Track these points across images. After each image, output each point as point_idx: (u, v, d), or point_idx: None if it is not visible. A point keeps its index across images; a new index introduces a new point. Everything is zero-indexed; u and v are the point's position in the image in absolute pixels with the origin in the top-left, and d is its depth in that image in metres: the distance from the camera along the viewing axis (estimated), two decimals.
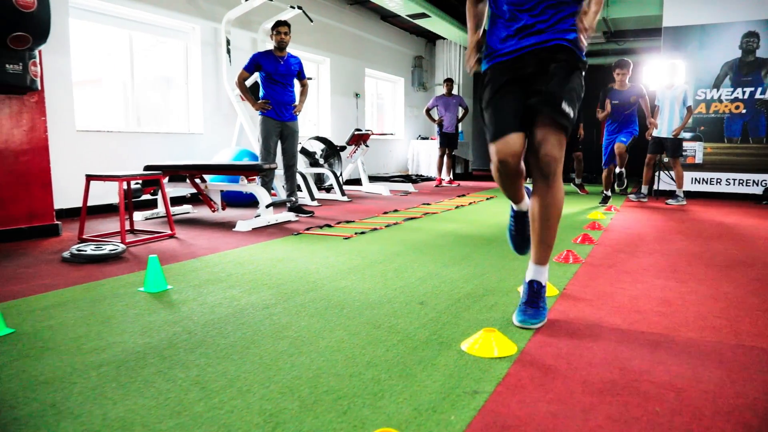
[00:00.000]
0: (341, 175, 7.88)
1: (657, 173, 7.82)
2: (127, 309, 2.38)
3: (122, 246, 3.55)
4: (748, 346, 1.96)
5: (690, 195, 7.82)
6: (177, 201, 6.27)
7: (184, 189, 5.98)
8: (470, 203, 6.71)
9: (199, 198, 6.35)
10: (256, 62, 5.19)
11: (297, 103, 5.37)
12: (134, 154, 6.00)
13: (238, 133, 7.11)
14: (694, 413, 1.45)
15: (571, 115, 2.03)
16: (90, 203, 5.32)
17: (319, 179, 7.92)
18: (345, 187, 7.76)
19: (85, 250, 3.42)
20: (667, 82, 6.87)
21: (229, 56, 7.06)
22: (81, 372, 1.71)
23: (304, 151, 7.45)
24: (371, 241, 4.07)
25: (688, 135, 8.08)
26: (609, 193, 6.72)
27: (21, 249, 3.80)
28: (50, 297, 2.56)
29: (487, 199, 7.29)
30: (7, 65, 3.73)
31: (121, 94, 6.31)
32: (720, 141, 8.07)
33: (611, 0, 9.82)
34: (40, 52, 4.04)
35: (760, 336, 2.06)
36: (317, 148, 7.86)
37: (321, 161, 7.74)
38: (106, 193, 5.63)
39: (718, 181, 8.13)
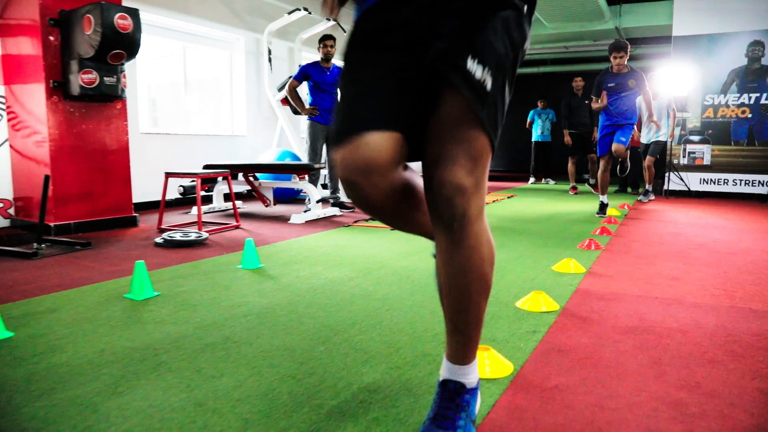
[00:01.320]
0: None
1: (668, 174, 8.33)
2: (237, 280, 2.96)
3: (205, 234, 4.13)
4: (739, 307, 2.51)
5: (698, 195, 8.33)
6: (229, 198, 6.84)
7: (236, 186, 6.55)
8: (494, 201, 7.25)
9: (244, 195, 6.93)
10: (305, 73, 5.76)
11: None
12: (186, 154, 6.59)
13: (279, 135, 7.69)
14: (695, 344, 2.01)
15: (489, 87, 1.12)
16: (144, 199, 5.94)
17: None
18: None
19: (175, 237, 4.00)
20: (652, 94, 7.13)
21: (270, 64, 7.65)
22: (237, 318, 2.28)
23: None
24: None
25: (696, 138, 8.59)
26: (606, 200, 5.86)
27: (113, 236, 4.39)
28: (170, 271, 3.13)
29: (508, 197, 7.83)
30: (105, 78, 4.33)
31: (175, 99, 6.91)
32: (727, 144, 8.57)
33: (623, 10, 10.34)
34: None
35: (750, 301, 2.60)
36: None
37: None
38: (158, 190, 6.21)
39: (725, 181, 8.62)
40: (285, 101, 7.48)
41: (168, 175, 4.71)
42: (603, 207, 5.80)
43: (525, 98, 13.51)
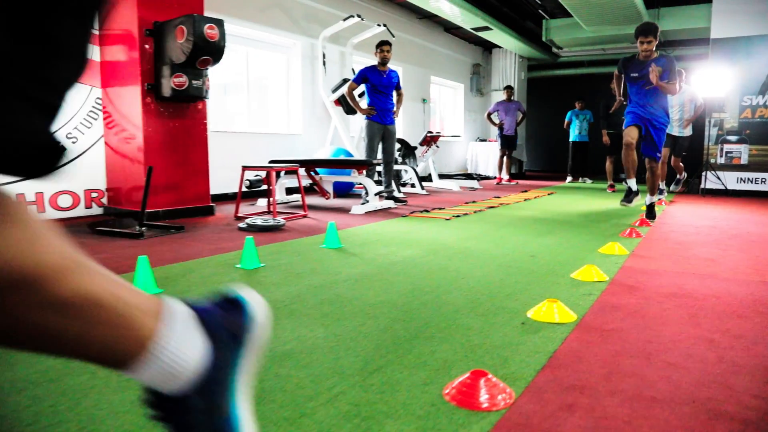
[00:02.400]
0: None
1: (704, 173, 8.60)
2: (325, 256, 3.44)
3: (283, 220, 4.63)
4: None
5: (735, 194, 8.57)
6: (289, 191, 7.37)
7: (291, 181, 7.07)
8: (535, 197, 7.64)
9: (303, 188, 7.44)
10: (364, 75, 6.25)
11: (395, 109, 6.41)
12: (249, 150, 7.13)
13: (333, 133, 8.20)
14: (726, 305, 2.41)
15: None
16: (211, 192, 6.47)
17: (397, 175, 8.94)
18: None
19: (257, 222, 4.50)
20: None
21: (324, 67, 8.16)
22: (339, 282, 2.76)
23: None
24: (468, 222, 5.07)
25: (734, 138, 8.83)
26: (634, 185, 5.39)
27: (197, 223, 4.92)
28: (263, 249, 3.63)
29: (549, 194, 8.20)
30: (193, 81, 4.87)
31: (239, 100, 7.47)
32: (765, 143, 8.78)
33: (661, 12, 10.60)
34: None
35: None
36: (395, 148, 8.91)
37: (399, 160, 8.77)
38: (227, 184, 6.77)
39: (763, 180, 8.84)
40: (338, 102, 7.99)
41: (245, 168, 5.23)
42: (629, 193, 5.31)
43: (563, 99, 13.82)
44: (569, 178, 11.34)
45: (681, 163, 8.11)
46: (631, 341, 1.94)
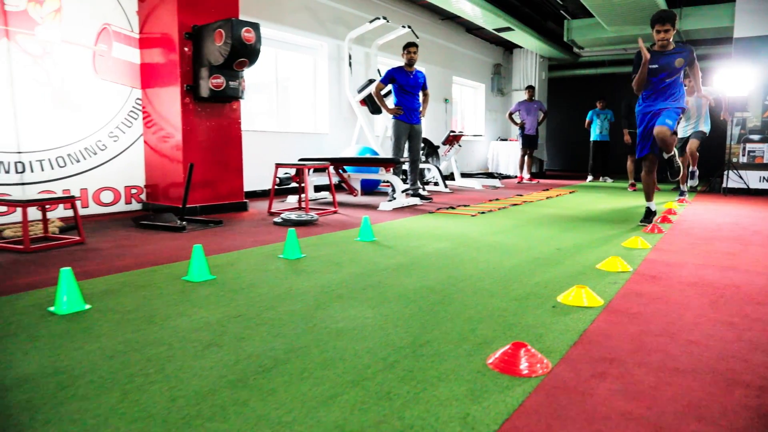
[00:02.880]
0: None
1: (726, 172, 8.65)
2: (361, 248, 3.62)
3: (316, 216, 4.83)
4: None
5: (758, 192, 8.61)
6: (317, 189, 7.58)
7: (321, 178, 7.28)
8: (557, 195, 7.77)
9: (329, 186, 7.64)
10: (391, 76, 6.43)
11: (421, 109, 6.59)
12: (277, 149, 7.35)
13: (358, 133, 8.40)
14: (746, 293, 2.56)
15: None
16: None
17: (420, 174, 9.11)
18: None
19: (291, 217, 4.71)
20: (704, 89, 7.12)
21: (350, 68, 8.36)
22: (378, 271, 2.94)
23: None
24: (493, 218, 5.23)
25: (756, 137, 8.86)
26: (653, 206, 4.92)
27: (233, 218, 5.14)
28: (303, 241, 3.83)
29: (570, 192, 8.32)
30: (230, 82, 5.09)
31: (265, 99, 7.69)
32: None
33: (684, 12, 10.64)
34: None
35: None
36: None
37: (423, 159, 8.93)
38: (256, 181, 7.00)
39: None
40: (363, 102, 8.19)
41: (278, 165, 5.44)
42: (649, 214, 4.86)
43: (583, 99, 13.90)
44: (590, 177, 11.43)
45: (697, 152, 7.74)
46: (655, 323, 2.11)
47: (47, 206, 4.15)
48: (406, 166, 6.79)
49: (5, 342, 1.90)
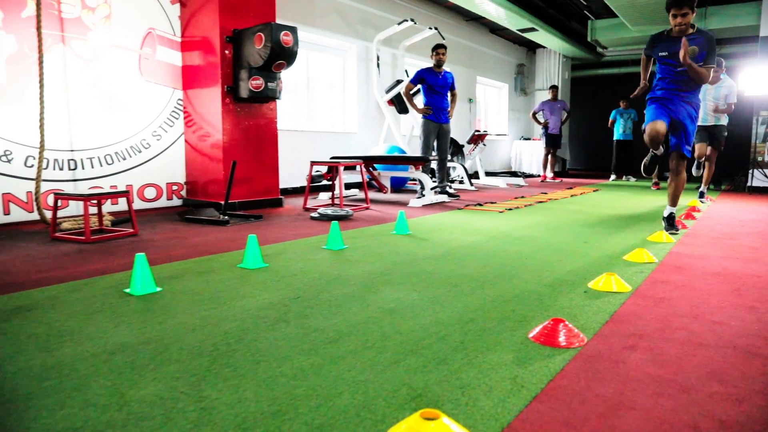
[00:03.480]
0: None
1: (751, 171, 8.72)
2: (397, 240, 3.84)
3: (351, 211, 5.05)
4: None
5: None
6: (347, 186, 7.81)
7: (351, 176, 7.51)
8: (581, 193, 7.91)
9: (358, 184, 7.87)
10: (421, 76, 6.63)
11: (449, 108, 6.78)
12: (306, 147, 7.59)
13: (386, 132, 8.62)
14: (766, 285, 2.72)
15: None
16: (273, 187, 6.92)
17: (446, 172, 9.29)
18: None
19: (328, 213, 4.94)
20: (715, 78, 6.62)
21: (378, 69, 8.58)
22: (418, 260, 3.15)
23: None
24: (520, 214, 5.41)
25: None
26: (674, 210, 4.31)
27: (270, 213, 5.38)
28: (342, 234, 4.05)
29: (594, 191, 8.45)
30: (268, 83, 5.33)
31: (297, 100, 7.94)
32: None
33: (708, 12, 10.68)
34: None
35: None
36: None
37: (449, 157, 9.12)
38: (286, 179, 7.24)
39: None
40: (391, 102, 8.40)
41: (313, 163, 5.68)
42: (670, 219, 4.28)
43: (606, 98, 13.97)
44: (613, 176, 11.52)
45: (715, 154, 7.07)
46: (680, 306, 2.29)
47: (102, 201, 4.41)
48: (433, 165, 6.98)
49: (95, 317, 2.14)
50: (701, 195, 7.00)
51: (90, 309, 2.24)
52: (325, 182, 7.09)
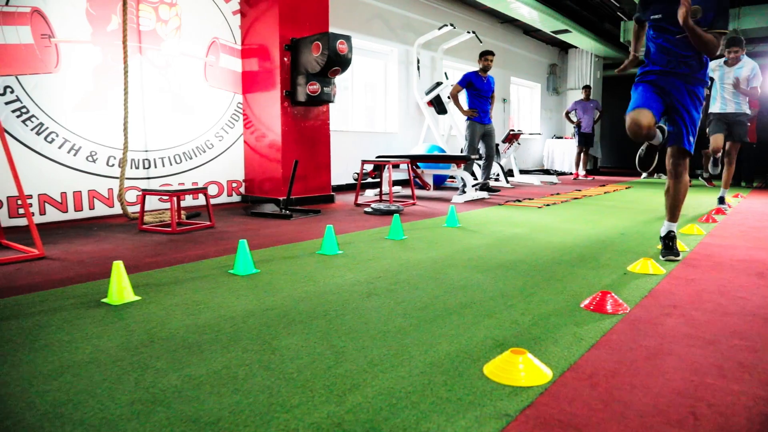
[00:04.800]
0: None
1: None
2: (450, 232, 4.25)
3: (402, 206, 5.48)
4: None
5: None
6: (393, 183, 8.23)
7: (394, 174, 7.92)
8: (614, 190, 8.23)
9: (401, 182, 8.30)
10: (469, 80, 7.04)
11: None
12: (351, 147, 8.05)
13: (425, 132, 9.04)
14: None
15: None
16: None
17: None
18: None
19: (380, 207, 5.37)
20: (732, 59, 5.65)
21: (418, 71, 9.00)
22: (472, 248, 3.56)
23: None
24: (558, 209, 5.78)
25: None
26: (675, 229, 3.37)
27: (326, 209, 5.84)
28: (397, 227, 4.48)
29: (627, 188, 8.76)
30: (324, 88, 5.78)
31: (342, 101, 8.40)
32: None
33: (742, 12, 10.85)
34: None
35: None
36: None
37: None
38: (334, 177, 7.69)
39: None
40: (430, 103, 8.81)
41: (364, 162, 6.12)
42: (669, 240, 3.32)
43: None
44: (644, 174, 11.75)
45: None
46: (709, 285, 2.66)
47: (182, 197, 4.90)
48: (476, 163, 7.38)
49: (216, 291, 2.59)
50: (721, 200, 5.85)
51: (209, 286, 2.70)
52: (369, 180, 7.54)
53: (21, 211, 4.63)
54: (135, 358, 1.77)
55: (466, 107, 7.23)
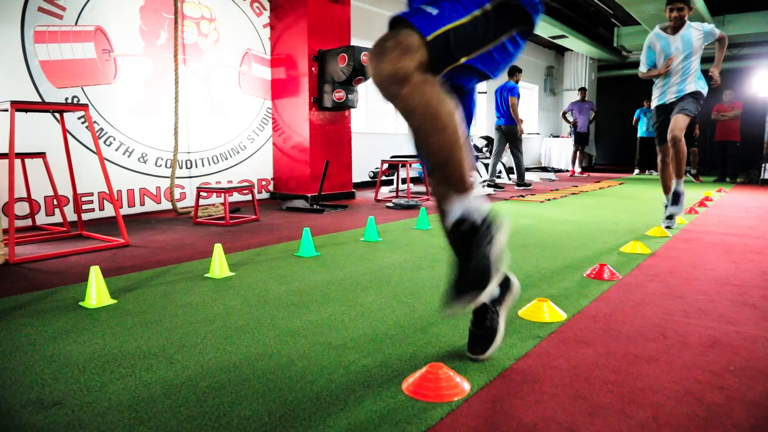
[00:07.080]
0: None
1: (764, 164, 9.62)
2: None
3: (419, 201, 6.14)
4: None
5: None
6: (404, 180, 8.89)
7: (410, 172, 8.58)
8: (608, 186, 8.91)
9: (415, 179, 8.96)
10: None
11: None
12: (366, 147, 8.70)
13: None
14: (750, 248, 3.74)
15: None
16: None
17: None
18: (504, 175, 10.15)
19: (400, 203, 6.03)
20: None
21: None
22: None
23: (474, 147, 9.93)
24: (559, 204, 6.45)
25: None
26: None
27: (349, 204, 6.49)
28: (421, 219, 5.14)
29: (620, 184, 9.44)
30: (348, 95, 6.44)
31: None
32: None
33: (726, 19, 11.55)
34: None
35: None
36: (482, 144, 10.32)
37: (487, 154, 10.17)
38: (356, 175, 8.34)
39: None
40: None
41: (383, 161, 6.77)
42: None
43: (630, 97, 14.86)
44: (636, 171, 12.45)
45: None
46: (685, 261, 3.34)
47: (230, 193, 5.54)
48: (484, 162, 8.05)
49: (292, 269, 3.25)
50: (670, 217, 4.68)
51: (284, 264, 3.35)
52: (384, 177, 8.19)
53: (85, 207, 5.27)
54: (259, 311, 2.42)
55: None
